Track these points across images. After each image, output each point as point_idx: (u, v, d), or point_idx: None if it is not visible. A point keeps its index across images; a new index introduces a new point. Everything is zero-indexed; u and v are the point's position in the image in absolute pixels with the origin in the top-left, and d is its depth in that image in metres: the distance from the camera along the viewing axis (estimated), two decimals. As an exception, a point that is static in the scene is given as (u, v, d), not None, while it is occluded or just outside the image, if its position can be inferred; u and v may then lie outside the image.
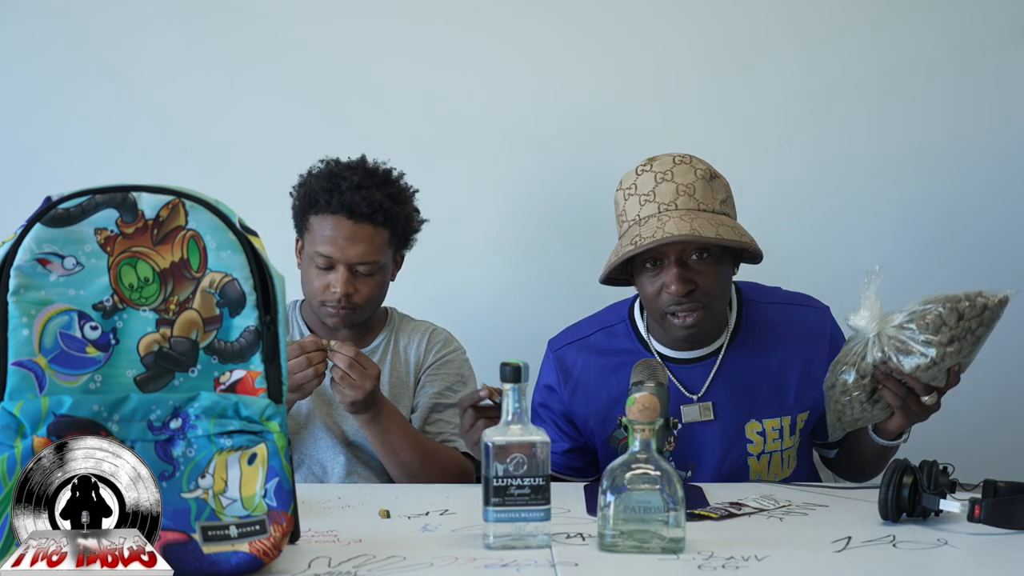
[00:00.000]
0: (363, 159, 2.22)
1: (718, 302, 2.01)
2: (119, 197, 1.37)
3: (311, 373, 2.02)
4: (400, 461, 2.13)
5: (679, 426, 1.85)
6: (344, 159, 2.22)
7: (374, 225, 2.15)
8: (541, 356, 2.20)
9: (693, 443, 2.03)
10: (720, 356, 2.06)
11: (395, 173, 2.23)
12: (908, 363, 1.81)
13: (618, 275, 2.04)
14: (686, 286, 1.94)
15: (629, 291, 2.15)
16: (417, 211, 2.26)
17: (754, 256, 2.01)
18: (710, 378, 2.05)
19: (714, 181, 1.99)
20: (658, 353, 2.08)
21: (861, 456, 2.04)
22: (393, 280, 2.26)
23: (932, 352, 1.79)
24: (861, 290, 1.84)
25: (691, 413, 2.04)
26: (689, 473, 1.85)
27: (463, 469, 2.17)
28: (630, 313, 2.13)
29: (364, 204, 2.13)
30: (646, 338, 2.10)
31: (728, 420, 2.05)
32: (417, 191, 2.26)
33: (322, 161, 2.23)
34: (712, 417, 2.04)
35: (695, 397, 2.05)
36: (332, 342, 2.05)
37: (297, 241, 2.25)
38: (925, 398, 1.84)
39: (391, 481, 2.20)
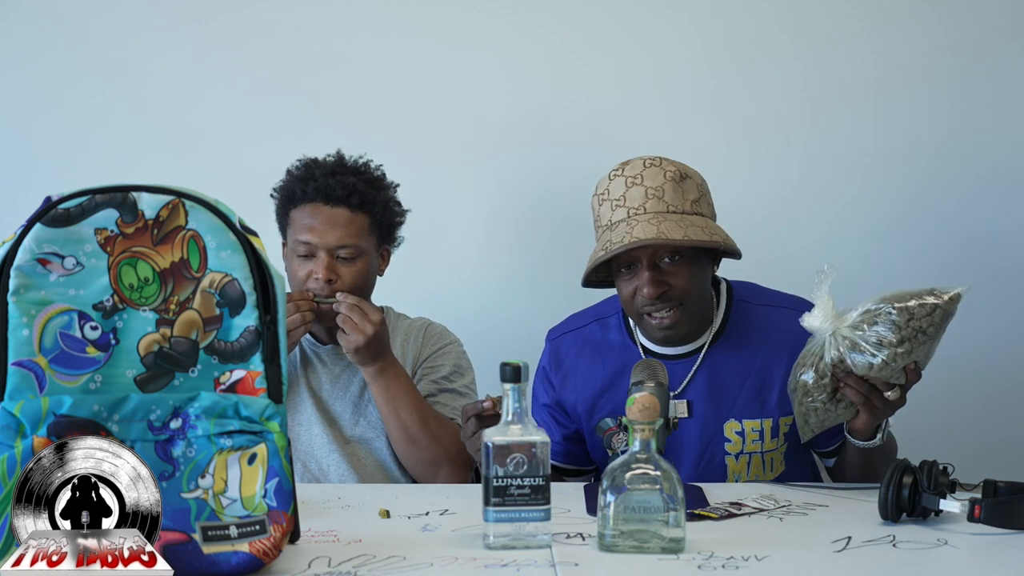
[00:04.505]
0: (339, 153, 2.26)
1: (694, 301, 2.02)
2: (119, 197, 1.36)
3: (298, 319, 2.09)
4: (400, 420, 2.14)
5: (677, 426, 1.85)
6: (320, 156, 2.26)
7: (351, 209, 2.17)
8: (536, 355, 2.20)
9: (672, 440, 2.02)
10: (702, 354, 2.07)
11: (372, 164, 2.26)
12: (861, 362, 1.79)
13: (601, 277, 2.07)
14: (658, 288, 1.96)
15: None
16: (398, 202, 2.28)
17: (733, 253, 2.02)
18: (690, 375, 2.06)
19: (685, 182, 2.00)
20: (643, 347, 2.10)
21: (849, 464, 2.01)
22: (381, 275, 2.27)
23: (884, 353, 1.78)
24: (813, 289, 1.83)
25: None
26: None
27: (462, 444, 2.17)
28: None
29: (339, 187, 2.16)
30: (634, 331, 2.12)
31: (707, 418, 2.05)
32: (398, 185, 2.27)
33: (299, 159, 2.26)
34: (687, 415, 2.05)
35: (672, 394, 2.04)
36: (339, 294, 2.12)
37: (284, 245, 2.26)
38: (888, 394, 1.82)
39: (388, 479, 2.20)
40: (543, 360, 2.20)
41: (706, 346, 2.08)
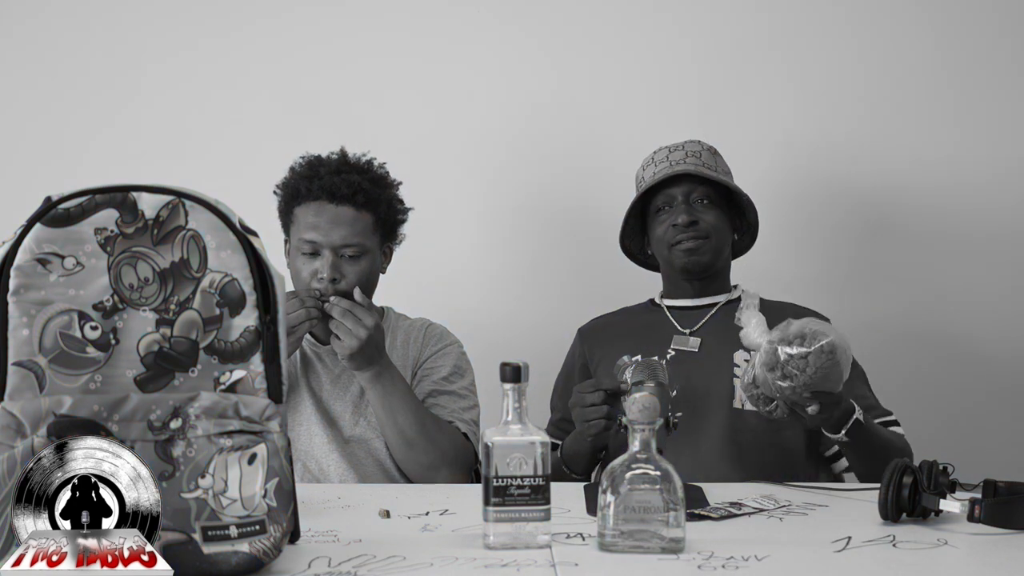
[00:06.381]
0: (343, 151, 2.26)
1: (717, 240, 2.28)
2: (119, 197, 1.36)
3: (303, 314, 2.10)
4: (398, 426, 2.14)
5: (677, 427, 1.90)
6: (324, 154, 2.26)
7: (355, 208, 2.17)
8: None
9: (683, 367, 2.20)
10: (716, 307, 2.32)
11: (375, 162, 2.26)
12: (765, 385, 1.91)
13: (635, 251, 2.40)
14: (690, 217, 2.25)
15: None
16: (401, 200, 2.28)
17: (752, 236, 2.34)
18: (705, 319, 2.30)
19: (719, 156, 2.34)
20: (667, 307, 2.34)
21: (848, 454, 2.11)
22: (383, 272, 2.27)
23: (775, 383, 1.88)
24: (743, 309, 2.00)
25: (680, 341, 2.27)
26: (674, 393, 2.04)
27: (461, 446, 2.18)
28: (651, 299, 2.42)
29: (344, 186, 2.16)
30: (659, 302, 2.37)
31: (719, 350, 2.23)
32: (400, 183, 2.27)
33: (302, 157, 2.26)
34: (696, 350, 2.25)
35: (688, 331, 2.29)
36: (332, 297, 2.11)
37: (286, 243, 2.26)
38: (808, 409, 1.90)
39: (388, 479, 2.20)
40: (570, 349, 2.41)
41: (721, 303, 2.32)
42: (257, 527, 1.35)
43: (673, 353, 2.24)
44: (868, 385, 2.25)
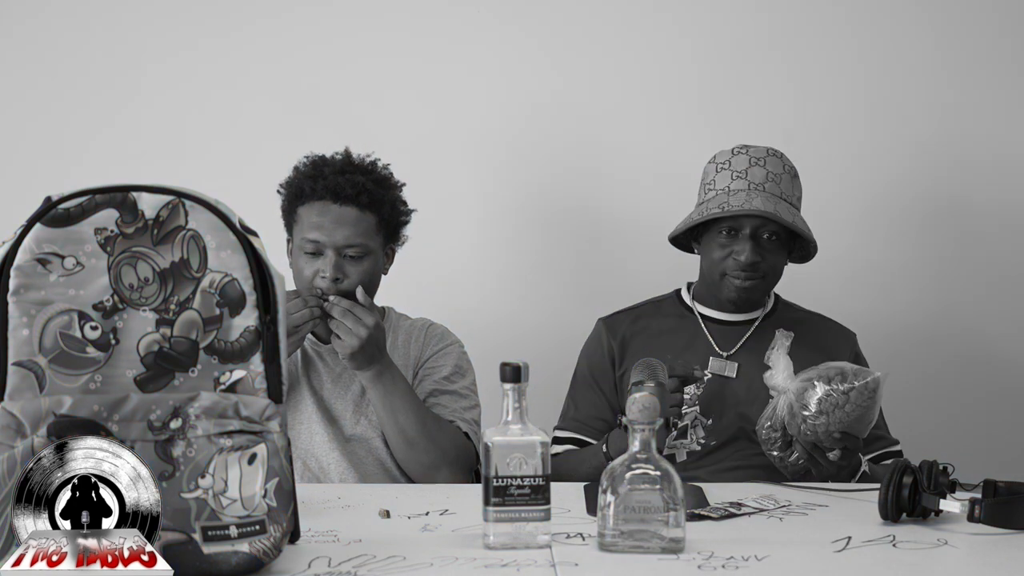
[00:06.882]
0: (347, 151, 2.25)
1: (772, 279, 2.24)
2: (119, 197, 1.36)
3: (307, 314, 2.10)
4: (398, 424, 2.14)
5: (677, 426, 1.91)
6: (328, 154, 2.25)
7: (359, 208, 2.17)
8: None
9: (719, 393, 2.21)
10: (754, 326, 2.26)
11: (379, 163, 2.26)
12: (791, 424, 1.93)
13: (681, 236, 2.28)
14: (755, 256, 2.17)
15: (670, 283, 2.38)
16: (404, 202, 2.28)
17: (803, 257, 2.27)
18: (742, 340, 2.25)
19: (796, 180, 2.24)
20: (701, 315, 2.29)
21: None
22: (386, 274, 2.27)
23: (805, 423, 1.91)
24: (769, 351, 1.99)
25: (716, 365, 2.23)
26: (709, 421, 2.14)
27: (462, 445, 2.18)
28: (677, 292, 2.36)
29: (348, 186, 2.16)
30: (691, 304, 2.31)
31: (754, 374, 2.17)
32: (404, 184, 2.27)
33: (307, 156, 2.26)
34: (734, 375, 2.22)
35: (725, 354, 2.25)
36: (332, 297, 2.11)
37: (288, 242, 2.26)
38: (830, 454, 1.94)
39: (389, 478, 2.20)
40: (592, 339, 2.34)
41: (758, 320, 2.27)
42: (257, 527, 1.35)
43: (709, 376, 2.22)
44: (881, 411, 2.23)
